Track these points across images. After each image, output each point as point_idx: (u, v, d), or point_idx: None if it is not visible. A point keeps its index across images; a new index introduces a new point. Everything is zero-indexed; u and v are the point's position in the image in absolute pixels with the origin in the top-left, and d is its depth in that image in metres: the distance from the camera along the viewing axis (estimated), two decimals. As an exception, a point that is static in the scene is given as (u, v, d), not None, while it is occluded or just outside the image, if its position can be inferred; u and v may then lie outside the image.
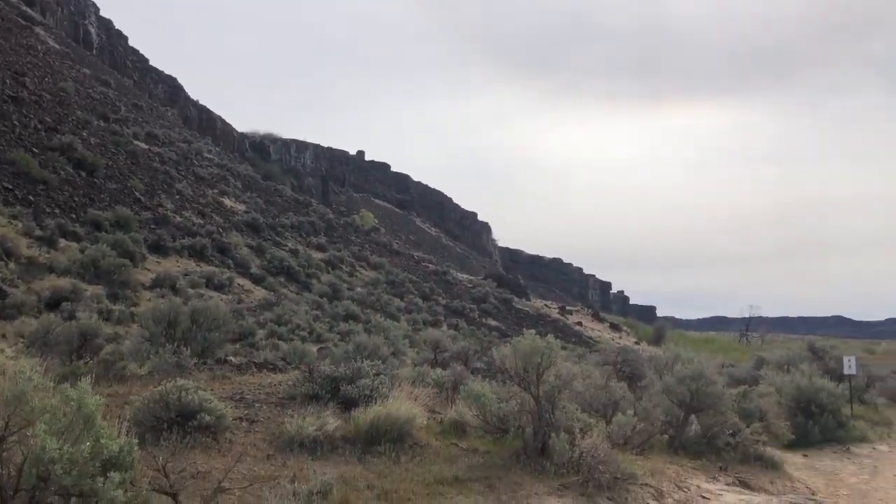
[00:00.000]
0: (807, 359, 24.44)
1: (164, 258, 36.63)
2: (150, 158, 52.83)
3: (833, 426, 17.38)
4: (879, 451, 17.25)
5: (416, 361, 20.22)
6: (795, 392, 17.71)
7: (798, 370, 19.50)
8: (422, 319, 43.56)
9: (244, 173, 72.09)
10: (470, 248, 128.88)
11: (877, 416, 20.50)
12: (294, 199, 71.25)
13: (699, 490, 10.38)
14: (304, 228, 57.56)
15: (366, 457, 9.07)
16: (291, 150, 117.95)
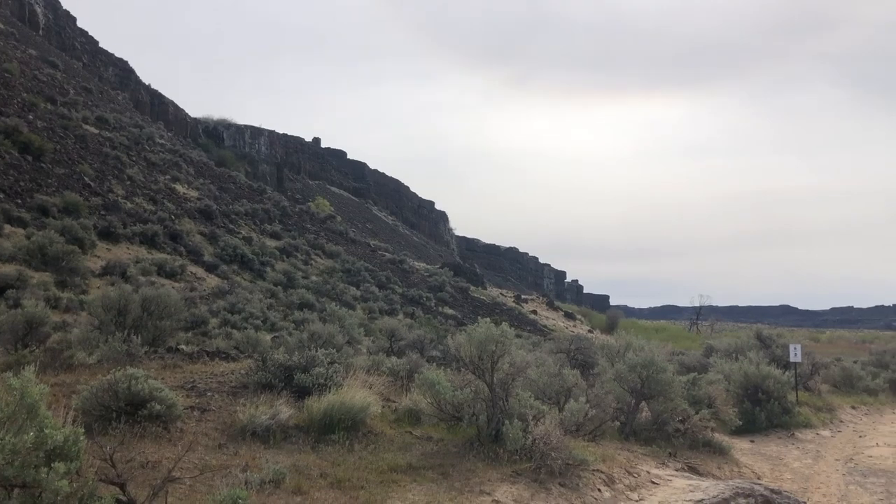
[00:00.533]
0: (754, 347, 24.99)
1: (115, 245, 35.86)
2: (101, 143, 51.61)
3: (779, 412, 17.85)
4: (822, 436, 17.76)
5: (372, 350, 20.16)
6: (743, 379, 18.14)
7: (746, 358, 19.93)
8: (378, 308, 43.44)
9: (197, 159, 70.88)
10: (427, 237, 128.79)
11: (820, 402, 21.07)
12: (248, 186, 70.32)
13: (649, 476, 10.57)
14: (258, 216, 56.87)
15: (319, 445, 9.05)
16: (246, 137, 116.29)
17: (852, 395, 23.59)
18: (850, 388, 24.21)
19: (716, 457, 13.33)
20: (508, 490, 8.29)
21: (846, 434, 18.31)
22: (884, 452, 15.61)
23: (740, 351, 23.78)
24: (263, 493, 7.23)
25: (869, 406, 22.72)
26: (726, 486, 9.97)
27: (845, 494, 11.65)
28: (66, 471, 5.02)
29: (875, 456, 15.22)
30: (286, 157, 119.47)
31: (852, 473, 13.41)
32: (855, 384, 24.43)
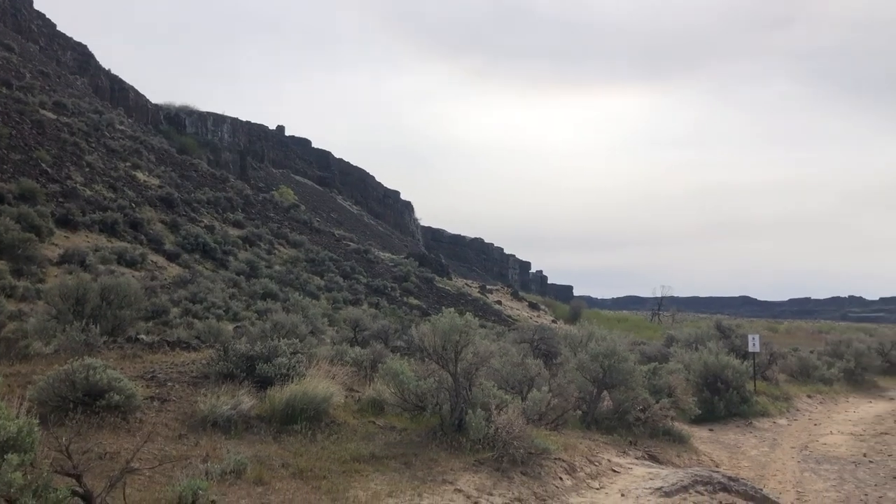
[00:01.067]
0: (714, 337, 25.41)
1: (73, 233, 35.20)
2: (58, 129, 50.51)
3: (737, 401, 18.17)
4: (779, 424, 18.12)
5: (336, 340, 20.09)
6: (703, 369, 18.43)
7: (706, 348, 20.26)
8: (342, 298, 43.26)
9: (158, 146, 69.75)
10: (392, 227, 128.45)
11: (777, 391, 21.48)
12: (211, 174, 69.42)
13: (610, 464, 10.70)
14: (220, 204, 56.19)
15: (281, 435, 9.00)
16: (208, 124, 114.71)
17: (808, 384, 24.08)
18: (806, 378, 24.71)
19: (675, 445, 13.54)
20: (471, 479, 8.33)
21: (802, 422, 18.70)
22: (837, 440, 15.98)
23: (700, 341, 24.17)
24: (224, 484, 7.17)
25: (824, 395, 23.23)
26: (685, 473, 10.14)
27: (800, 481, 11.91)
28: (19, 462, 4.93)
29: (829, 443, 15.58)
30: (249, 145, 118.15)
31: (807, 461, 13.71)
32: (811, 374, 24.94)
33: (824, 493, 10.98)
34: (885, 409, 21.05)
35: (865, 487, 11.39)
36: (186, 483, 6.70)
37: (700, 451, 13.97)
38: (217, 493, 6.84)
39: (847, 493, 10.97)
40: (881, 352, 30.28)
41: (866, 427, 17.71)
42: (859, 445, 15.25)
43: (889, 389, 26.38)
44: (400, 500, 7.38)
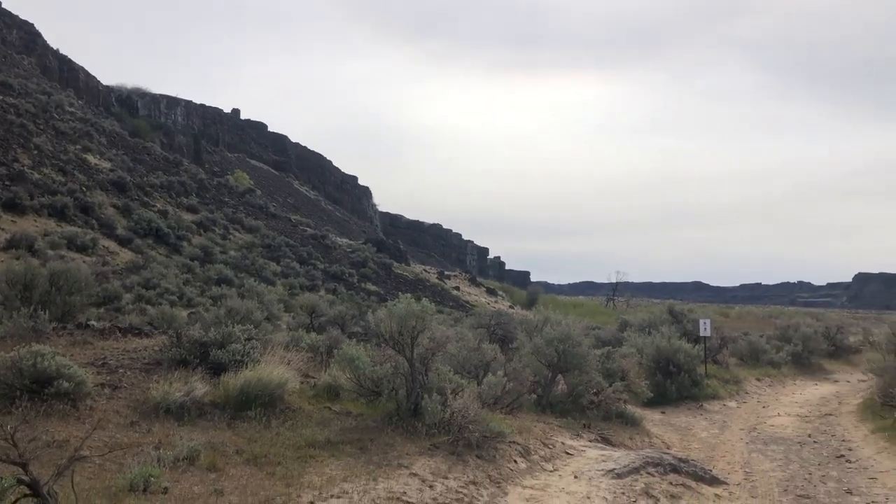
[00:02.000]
0: (667, 321, 25.83)
1: (21, 217, 34.32)
2: (4, 110, 49.07)
3: (689, 385, 18.55)
4: (729, 407, 18.55)
5: (292, 326, 19.96)
6: (655, 353, 18.76)
7: (658, 332, 20.60)
8: (299, 284, 42.98)
9: (110, 129, 68.24)
10: (350, 213, 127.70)
11: (728, 375, 21.96)
12: (164, 157, 68.16)
13: (564, 447, 10.85)
14: (174, 189, 55.26)
15: (235, 422, 8.94)
16: (161, 106, 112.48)
17: (758, 367, 24.65)
18: (755, 361, 25.28)
19: (628, 428, 13.78)
20: (426, 463, 8.38)
21: (751, 405, 19.16)
22: (784, 422, 16.42)
23: (653, 326, 24.57)
24: (177, 471, 7.11)
25: (772, 378, 23.81)
26: (637, 455, 10.33)
27: (748, 462, 12.22)
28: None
29: (776, 425, 16.00)
30: (204, 129, 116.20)
31: (755, 442, 14.06)
32: (760, 357, 25.53)
33: (771, 473, 11.28)
34: (830, 392, 21.68)
35: (810, 467, 11.73)
36: (138, 470, 6.63)
37: (652, 434, 14.24)
38: (169, 480, 6.78)
39: (792, 473, 11.29)
40: (827, 336, 31.14)
41: (812, 409, 18.22)
42: (805, 426, 15.69)
43: (834, 372, 27.16)
44: (355, 484, 7.39)
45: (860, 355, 28.32)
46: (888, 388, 15.20)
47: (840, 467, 11.66)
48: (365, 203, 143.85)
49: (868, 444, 13.25)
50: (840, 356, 30.28)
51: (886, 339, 19.34)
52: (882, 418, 14.73)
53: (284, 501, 6.72)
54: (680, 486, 9.50)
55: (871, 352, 23.48)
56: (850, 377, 25.18)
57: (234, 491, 6.81)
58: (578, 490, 8.68)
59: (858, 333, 33.45)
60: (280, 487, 7.05)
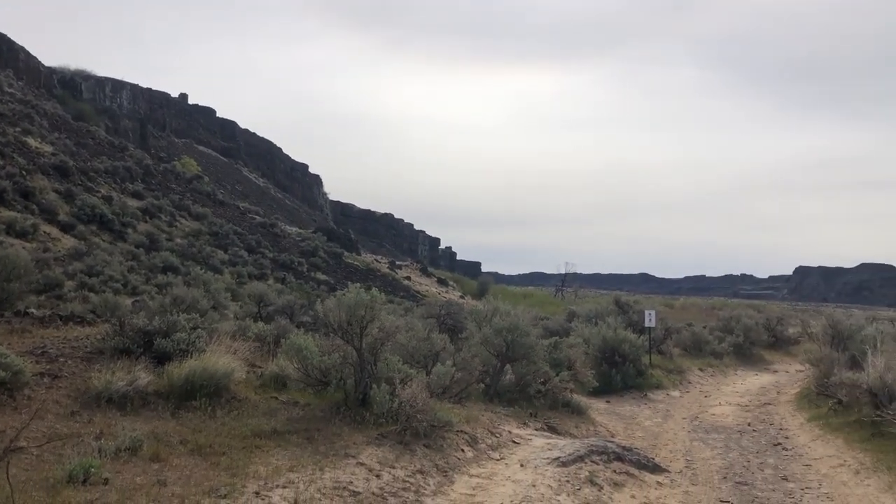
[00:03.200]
0: (613, 312, 26.25)
1: (-44, 201, 33.17)
2: (-61, 90, 47.29)
3: (633, 374, 18.90)
4: (672, 396, 18.95)
5: (239, 315, 19.74)
6: (601, 343, 19.06)
7: (605, 323, 20.93)
8: (247, 272, 42.47)
9: (52, 112, 66.25)
10: (300, 201, 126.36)
11: (671, 365, 22.42)
12: (109, 142, 66.50)
13: (510, 435, 10.97)
14: (119, 174, 53.98)
15: (180, 412, 8.82)
16: (106, 89, 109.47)
17: (701, 358, 25.20)
18: (698, 352, 25.84)
19: (574, 417, 13.99)
20: (373, 452, 8.39)
21: (693, 394, 19.61)
22: (725, 411, 16.85)
23: (600, 316, 24.94)
24: (119, 462, 6.99)
25: (715, 368, 24.39)
26: (582, 444, 10.50)
27: (689, 450, 12.51)
28: None
29: (717, 414, 16.40)
30: (150, 113, 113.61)
31: (696, 431, 14.41)
32: (703, 348, 26.10)
33: (711, 461, 11.58)
34: (770, 381, 22.31)
35: (748, 455, 12.06)
36: (77, 462, 6.51)
37: (597, 423, 14.48)
38: (111, 471, 6.66)
39: (732, 461, 11.60)
40: (768, 327, 32.00)
41: (752, 398, 18.73)
42: (745, 415, 16.12)
43: (774, 363, 27.94)
44: (301, 474, 7.37)
45: (799, 346, 29.15)
46: (824, 378, 15.71)
47: (777, 455, 12.02)
48: (315, 191, 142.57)
49: (804, 432, 13.68)
50: (780, 347, 31.15)
51: (823, 331, 19.95)
52: (817, 407, 15.22)
53: (229, 492, 6.67)
54: (623, 473, 9.69)
55: (808, 343, 24.16)
56: (788, 367, 25.94)
57: (177, 481, 6.72)
58: (524, 478, 8.79)
59: (797, 325, 34.42)
60: (225, 478, 6.99)
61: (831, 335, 19.23)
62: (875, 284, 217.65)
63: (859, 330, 18.93)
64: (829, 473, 10.42)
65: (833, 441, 12.30)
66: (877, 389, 12.39)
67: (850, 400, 13.66)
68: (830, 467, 10.75)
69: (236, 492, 6.70)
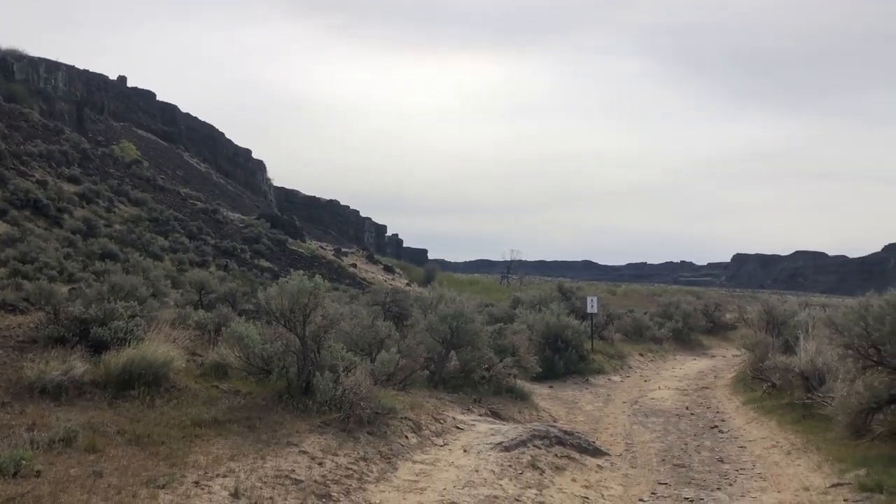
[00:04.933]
0: (556, 299, 26.58)
1: None
2: None
3: (576, 360, 19.20)
4: (613, 381, 19.31)
5: (180, 303, 19.39)
6: (545, 329, 19.29)
7: (548, 309, 21.18)
8: (188, 259, 41.71)
9: (-19, 93, 63.84)
10: (243, 187, 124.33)
11: (613, 350, 22.84)
12: (43, 125, 64.36)
13: (454, 421, 11.04)
14: (54, 158, 52.35)
15: (117, 401, 8.63)
16: (40, 71, 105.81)
17: (641, 343, 25.73)
18: (639, 337, 26.38)
19: (517, 402, 14.15)
20: (316, 440, 8.35)
21: (634, 379, 20.02)
22: (664, 395, 17.24)
23: (543, 303, 25.23)
24: (52, 453, 6.81)
25: (655, 353, 24.94)
26: (524, 429, 10.63)
27: (629, 433, 12.77)
28: None
29: (657, 398, 16.78)
30: (87, 96, 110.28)
31: (636, 414, 14.71)
32: (643, 333, 26.65)
33: (650, 444, 11.84)
34: (707, 366, 22.91)
35: (686, 437, 12.38)
36: (8, 454, 6.32)
37: (540, 408, 14.67)
38: (43, 463, 6.49)
39: (670, 443, 11.89)
40: (706, 313, 32.84)
41: (690, 382, 19.20)
42: (683, 399, 16.52)
43: (711, 348, 28.70)
44: (242, 463, 7.29)
45: (735, 332, 29.97)
46: (759, 363, 16.19)
47: (714, 437, 12.36)
48: (259, 177, 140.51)
49: (739, 415, 14.09)
50: (717, 333, 32.00)
51: (759, 317, 20.53)
52: (752, 391, 15.69)
53: (168, 481, 6.56)
54: (564, 457, 9.85)
55: (745, 328, 24.86)
56: (725, 352, 26.68)
57: (113, 472, 6.59)
58: (467, 463, 8.86)
59: (734, 311, 35.35)
60: (164, 468, 6.87)
61: (766, 321, 19.80)
62: (809, 271, 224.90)
63: (793, 316, 19.52)
64: (763, 454, 10.76)
65: (767, 423, 12.70)
66: (808, 373, 12.83)
67: (784, 383, 14.11)
68: (764, 448, 11.09)
69: (175, 481, 6.60)
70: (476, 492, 7.85)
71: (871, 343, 9.61)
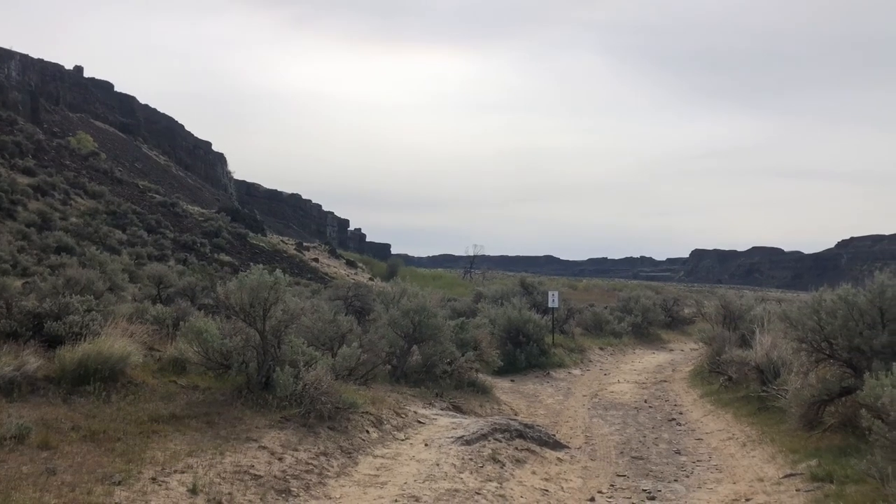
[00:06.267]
0: (518, 293, 26.73)
1: None
2: None
3: (537, 354, 19.33)
4: (573, 374, 19.48)
5: (137, 297, 19.10)
6: (507, 323, 19.39)
7: (510, 304, 21.29)
8: (146, 253, 41.07)
9: (-69, 81, 61.98)
10: (203, 180, 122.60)
11: (573, 344, 23.03)
12: (-4, 115, 62.75)
13: (416, 416, 11.05)
14: (7, 149, 51.08)
15: (72, 397, 8.47)
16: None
17: (601, 337, 25.99)
18: (599, 331, 26.64)
19: (479, 396, 14.21)
20: (276, 436, 8.29)
21: (594, 372, 20.21)
22: (623, 388, 17.44)
23: (506, 297, 25.36)
24: (4, 450, 6.66)
25: (614, 347, 25.20)
26: (485, 422, 10.67)
27: (589, 426, 12.90)
28: None
29: (616, 391, 16.97)
30: (42, 86, 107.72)
31: (596, 407, 14.87)
32: (604, 327, 26.92)
33: (609, 437, 11.98)
34: (666, 360, 23.23)
35: (644, 430, 12.54)
36: (-42, 451, 6.17)
37: (501, 401, 14.75)
38: (-5, 461, 6.35)
39: (629, 436, 12.04)
40: (665, 307, 33.28)
41: (648, 376, 19.45)
42: (642, 393, 16.73)
43: (670, 342, 29.09)
44: (200, 459, 7.21)
45: (693, 326, 30.47)
46: (716, 356, 16.46)
47: (671, 430, 12.54)
48: (219, 170, 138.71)
49: (696, 408, 14.31)
50: (676, 327, 32.47)
51: (716, 312, 20.89)
52: (709, 384, 15.95)
53: (124, 478, 6.47)
54: (525, 450, 9.91)
55: (702, 323, 25.29)
56: (683, 346, 27.06)
57: (68, 469, 6.47)
58: (428, 458, 8.87)
59: (692, 306, 35.90)
60: (120, 464, 6.77)
61: (723, 315, 20.15)
62: (765, 266, 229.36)
63: (749, 310, 19.88)
64: (719, 446, 10.95)
65: (723, 416, 12.92)
66: (763, 366, 13.08)
67: (740, 376, 14.37)
68: (720, 440, 11.29)
69: (132, 478, 6.51)
70: (437, 485, 7.86)
71: (823, 337, 9.83)
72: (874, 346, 9.25)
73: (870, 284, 9.67)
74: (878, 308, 9.47)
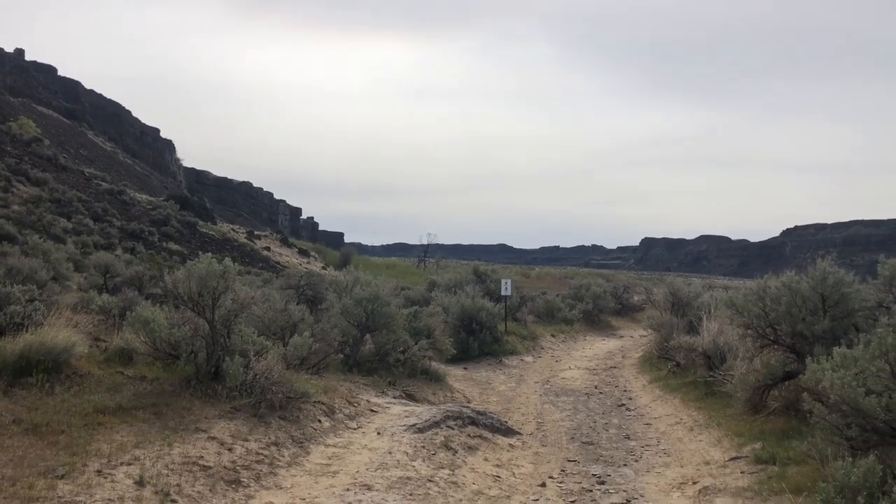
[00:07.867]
0: (471, 282, 26.84)
1: None
2: None
3: (490, 341, 19.44)
4: (526, 362, 19.64)
5: (83, 287, 18.65)
6: (460, 311, 19.46)
7: (463, 292, 21.36)
8: (93, 242, 40.06)
9: None
10: (151, 167, 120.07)
11: (526, 332, 23.21)
12: (-69, 98, 60.55)
13: (369, 404, 11.02)
14: (-56, 134, 49.35)
15: (13, 389, 8.22)
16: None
17: (553, 324, 26.24)
18: (551, 319, 26.90)
19: (432, 384, 14.23)
20: (226, 426, 8.19)
21: (546, 359, 20.41)
22: (574, 374, 17.65)
23: (459, 285, 25.42)
24: (-60, 446, 6.45)
25: (566, 334, 25.47)
26: (438, 410, 10.70)
27: (540, 412, 13.03)
28: None
29: (567, 378, 17.16)
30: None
31: (548, 394, 15.02)
32: (555, 315, 27.19)
33: (560, 422, 12.11)
34: (616, 346, 23.57)
35: (595, 416, 12.72)
36: None
37: (454, 389, 14.80)
38: (-69, 456, 6.15)
39: (579, 422, 12.19)
40: (615, 295, 33.74)
41: (599, 362, 19.72)
42: (592, 379, 16.95)
43: (620, 329, 29.52)
44: (148, 450, 7.08)
45: (643, 313, 30.94)
46: (664, 343, 16.76)
47: (621, 415, 12.74)
48: (168, 157, 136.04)
49: (646, 394, 14.56)
50: (626, 314, 32.96)
51: (665, 299, 21.24)
52: (658, 370, 16.24)
53: (68, 471, 6.32)
54: (477, 437, 9.97)
55: (651, 310, 25.69)
56: (633, 333, 27.50)
57: (8, 463, 6.30)
58: (381, 446, 8.86)
59: (642, 293, 36.48)
60: (64, 457, 6.61)
61: (672, 302, 20.50)
62: (712, 254, 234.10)
63: (697, 297, 20.27)
64: (667, 431, 11.16)
65: (671, 401, 13.17)
66: (710, 352, 13.36)
67: (688, 362, 14.66)
68: (668, 425, 11.51)
69: (76, 471, 6.36)
70: (389, 473, 7.86)
71: (768, 323, 10.08)
72: (816, 331, 9.52)
73: (812, 272, 9.94)
74: (819, 294, 9.73)
